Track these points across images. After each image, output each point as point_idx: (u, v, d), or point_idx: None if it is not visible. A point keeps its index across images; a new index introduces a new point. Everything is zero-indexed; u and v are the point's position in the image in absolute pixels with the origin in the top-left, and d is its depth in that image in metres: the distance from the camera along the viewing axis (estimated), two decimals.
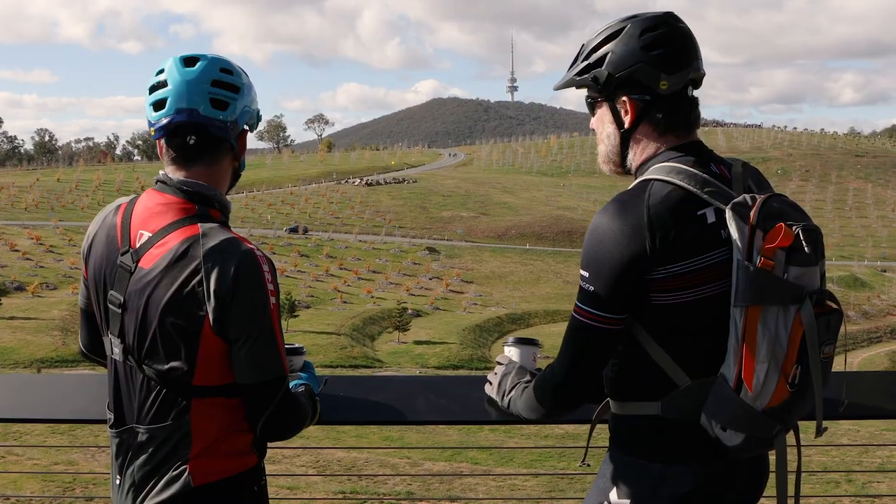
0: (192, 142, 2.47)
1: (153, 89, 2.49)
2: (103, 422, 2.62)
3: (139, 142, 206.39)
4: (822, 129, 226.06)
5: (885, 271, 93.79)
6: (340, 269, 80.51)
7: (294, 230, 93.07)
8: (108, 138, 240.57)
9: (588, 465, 2.77)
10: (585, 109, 2.56)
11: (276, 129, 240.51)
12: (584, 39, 2.49)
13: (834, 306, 2.23)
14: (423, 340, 58.63)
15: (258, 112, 2.64)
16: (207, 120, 2.45)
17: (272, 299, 2.39)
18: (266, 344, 2.38)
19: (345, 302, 69.66)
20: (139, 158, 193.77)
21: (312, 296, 70.25)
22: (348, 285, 75.53)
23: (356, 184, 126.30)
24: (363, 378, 3.26)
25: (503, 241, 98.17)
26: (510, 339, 2.89)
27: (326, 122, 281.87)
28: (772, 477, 2.44)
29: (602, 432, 2.61)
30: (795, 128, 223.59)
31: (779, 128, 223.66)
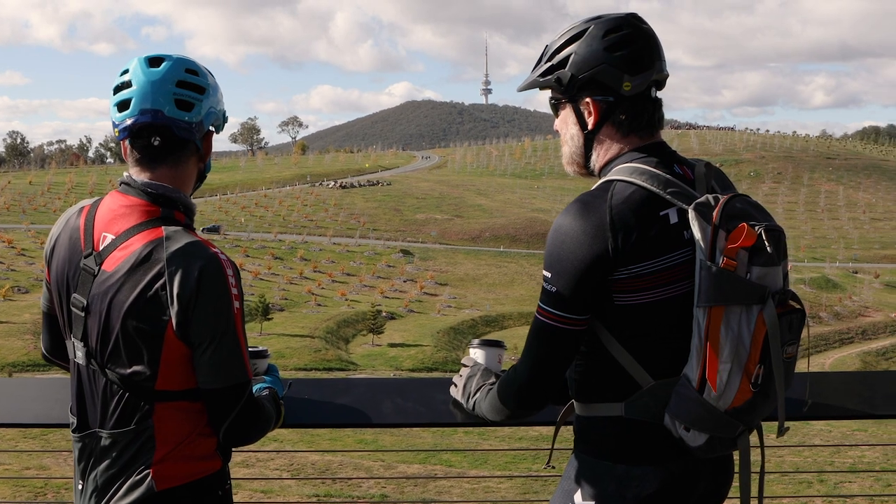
0: (156, 143, 2.44)
1: (117, 90, 2.47)
2: (67, 426, 2.59)
3: (112, 144, 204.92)
4: (795, 132, 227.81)
5: (856, 273, 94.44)
6: (314, 271, 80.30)
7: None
8: (80, 141, 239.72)
9: (552, 468, 2.77)
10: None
11: (250, 132, 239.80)
12: (545, 40, 2.49)
13: (796, 306, 2.24)
14: (398, 343, 58.57)
15: (224, 113, 2.62)
16: (172, 121, 2.43)
17: (236, 304, 2.37)
18: (229, 348, 2.36)
19: (319, 305, 69.48)
20: (112, 161, 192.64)
21: (286, 298, 70.05)
22: (322, 288, 75.36)
23: (330, 186, 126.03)
24: (328, 381, 3.23)
25: (477, 244, 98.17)
26: (475, 341, 2.88)
27: (300, 125, 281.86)
28: (737, 478, 2.45)
29: (568, 433, 2.61)
30: (768, 130, 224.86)
31: (751, 130, 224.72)
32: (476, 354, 2.85)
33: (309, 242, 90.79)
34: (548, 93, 2.51)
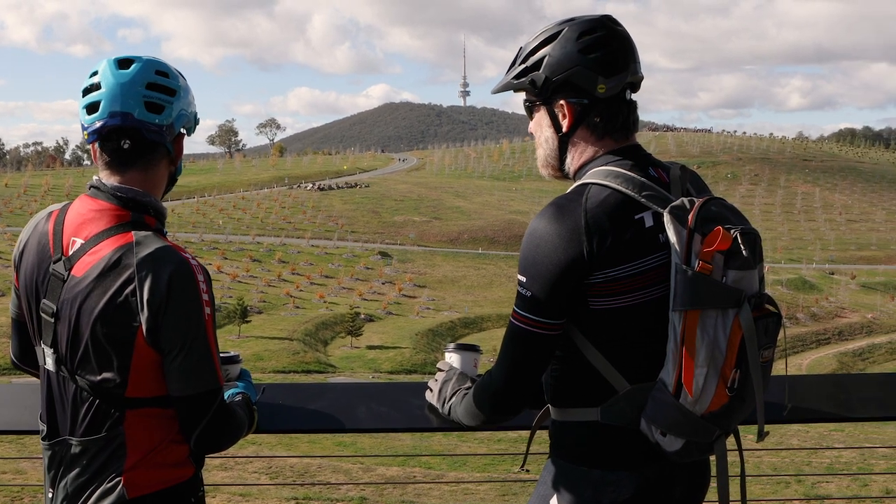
0: (126, 146, 2.42)
1: (86, 92, 2.44)
2: (38, 433, 2.56)
3: (88, 147, 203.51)
4: (771, 134, 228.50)
5: (832, 274, 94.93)
6: (293, 273, 80.00)
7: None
8: (57, 143, 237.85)
9: (527, 471, 2.76)
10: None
11: (228, 134, 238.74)
12: (523, 43, 2.48)
13: (772, 310, 2.24)
14: (376, 345, 58.46)
15: (196, 115, 2.59)
16: (142, 124, 2.40)
17: (207, 309, 2.34)
18: (200, 355, 2.33)
19: (297, 307, 69.23)
20: (89, 163, 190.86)
21: (265, 301, 69.75)
22: (301, 290, 75.08)
23: (308, 188, 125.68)
24: (302, 385, 3.21)
25: (456, 246, 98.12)
26: (450, 345, 2.87)
27: (278, 127, 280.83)
28: (714, 482, 2.44)
29: (545, 437, 2.59)
30: (745, 132, 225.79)
31: (728, 132, 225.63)
32: (451, 359, 2.84)
33: (287, 245, 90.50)
34: (523, 95, 2.50)
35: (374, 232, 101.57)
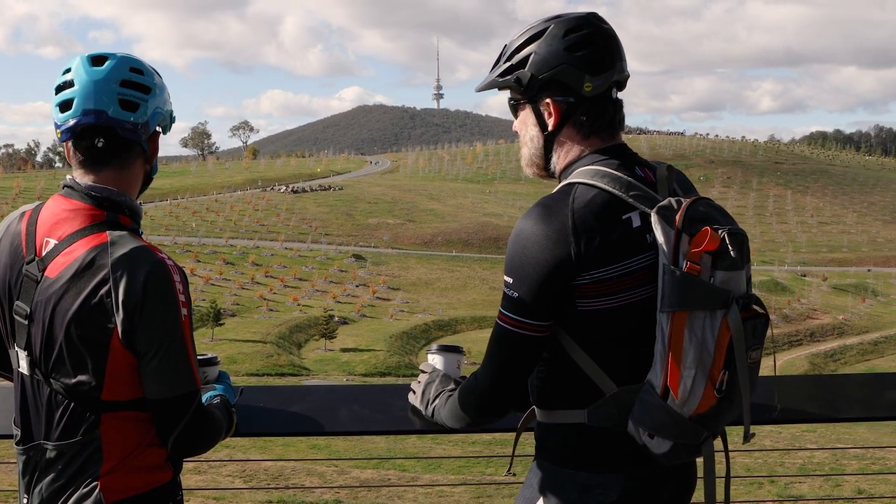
0: (100, 144, 2.37)
1: (59, 89, 2.39)
2: (10, 437, 2.51)
3: (60, 149, 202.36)
4: (744, 137, 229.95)
5: (804, 276, 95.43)
6: (266, 276, 79.67)
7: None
8: (28, 145, 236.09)
9: (514, 475, 2.73)
10: (510, 117, 2.51)
11: (201, 136, 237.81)
12: (507, 40, 2.45)
13: (760, 311, 2.22)
14: (350, 348, 58.28)
15: (171, 113, 2.54)
16: (116, 122, 2.35)
17: (183, 311, 2.30)
18: (177, 357, 2.29)
19: (271, 310, 68.94)
20: (60, 165, 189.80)
21: (238, 304, 69.44)
22: (274, 293, 74.76)
23: (282, 191, 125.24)
24: (282, 388, 3.17)
25: (430, 248, 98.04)
26: (433, 346, 2.85)
27: (251, 129, 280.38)
28: (700, 483, 2.42)
29: (528, 440, 2.57)
30: (717, 135, 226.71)
31: (700, 135, 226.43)
32: (434, 360, 2.81)
33: (261, 247, 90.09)
34: (505, 94, 2.47)
35: (347, 234, 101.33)
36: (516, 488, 2.67)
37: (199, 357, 2.54)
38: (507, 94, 2.46)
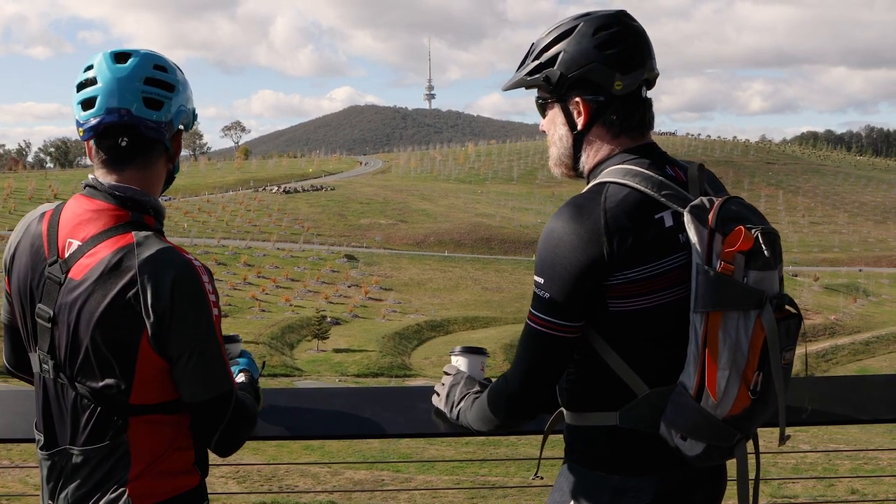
0: (123, 143, 2.33)
1: (81, 87, 2.34)
2: (29, 441, 2.46)
3: (51, 149, 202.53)
4: (735, 137, 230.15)
5: (796, 276, 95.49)
6: (258, 277, 79.50)
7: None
8: (19, 145, 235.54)
9: (541, 478, 2.70)
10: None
11: (192, 137, 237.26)
12: (534, 38, 2.43)
13: (793, 311, 2.19)
14: (343, 348, 58.19)
15: (194, 111, 2.51)
16: (140, 120, 2.31)
17: (214, 311, 2.27)
18: (212, 358, 2.27)
19: (263, 311, 68.79)
20: (52, 166, 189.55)
21: (230, 304, 69.23)
22: (266, 293, 74.60)
23: (274, 191, 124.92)
24: (306, 391, 3.15)
25: (422, 249, 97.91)
26: (457, 348, 2.82)
27: (243, 130, 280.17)
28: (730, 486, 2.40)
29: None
30: (709, 135, 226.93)
31: (692, 135, 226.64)
32: (458, 362, 2.78)
33: (252, 248, 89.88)
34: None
35: (339, 235, 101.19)
36: (510, 490, 2.63)
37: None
38: (532, 92, 2.44)
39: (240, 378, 2.63)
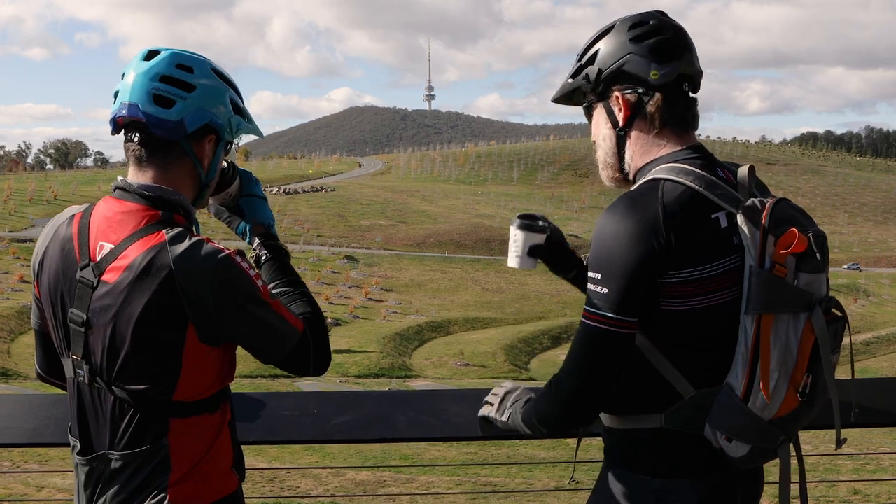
0: (135, 140, 2.29)
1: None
2: (60, 445, 2.42)
3: (51, 150, 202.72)
4: (734, 138, 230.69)
5: None
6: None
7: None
8: (19, 146, 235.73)
9: (577, 482, 2.66)
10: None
11: None
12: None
13: (839, 314, 2.18)
14: (343, 349, 58.13)
15: (230, 119, 2.39)
16: (147, 116, 2.25)
17: (258, 282, 2.24)
18: (273, 319, 2.25)
19: None
20: (52, 167, 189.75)
21: None
22: None
23: (274, 192, 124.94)
24: (335, 394, 3.09)
25: (422, 250, 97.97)
26: (516, 220, 2.71)
27: None
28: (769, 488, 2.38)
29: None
30: (708, 136, 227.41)
31: None
32: (517, 237, 2.70)
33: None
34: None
35: (340, 236, 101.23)
36: (512, 493, 2.59)
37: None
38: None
39: (257, 250, 2.55)
